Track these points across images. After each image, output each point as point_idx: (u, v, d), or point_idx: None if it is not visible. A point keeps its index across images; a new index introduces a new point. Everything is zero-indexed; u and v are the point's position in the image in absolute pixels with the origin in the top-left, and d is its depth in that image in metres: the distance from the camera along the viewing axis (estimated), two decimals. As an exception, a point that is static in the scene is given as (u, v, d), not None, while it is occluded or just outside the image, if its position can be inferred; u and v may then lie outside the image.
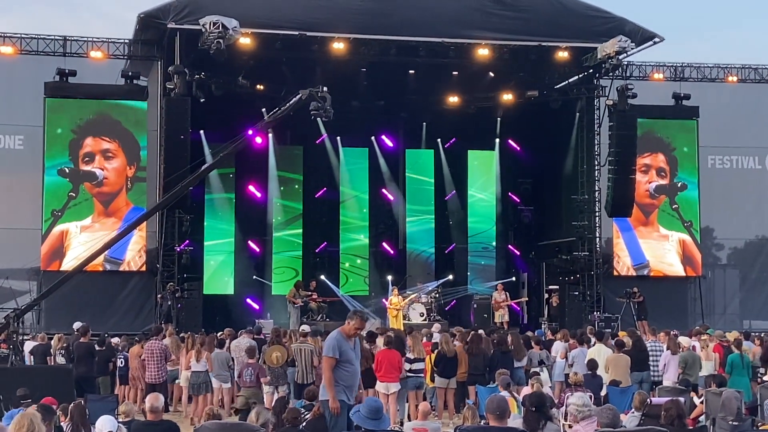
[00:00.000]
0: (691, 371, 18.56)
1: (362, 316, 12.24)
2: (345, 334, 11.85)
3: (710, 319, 30.59)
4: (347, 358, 11.75)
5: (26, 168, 29.04)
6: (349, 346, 11.83)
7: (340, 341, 11.74)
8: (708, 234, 33.32)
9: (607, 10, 29.34)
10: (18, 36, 29.42)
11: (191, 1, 26.95)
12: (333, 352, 11.63)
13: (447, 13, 28.27)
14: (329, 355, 11.63)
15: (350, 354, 11.82)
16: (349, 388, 11.78)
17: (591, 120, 31.64)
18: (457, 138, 36.26)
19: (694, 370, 18.59)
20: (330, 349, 11.66)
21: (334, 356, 11.61)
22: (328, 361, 11.64)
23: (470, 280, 36.12)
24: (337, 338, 11.77)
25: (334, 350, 11.64)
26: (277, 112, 20.44)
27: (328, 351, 11.68)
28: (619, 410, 10.76)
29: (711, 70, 33.50)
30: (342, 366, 11.70)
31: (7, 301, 25.29)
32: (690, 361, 18.71)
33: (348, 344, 11.83)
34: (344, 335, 11.84)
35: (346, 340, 11.83)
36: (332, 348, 11.66)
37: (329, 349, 11.67)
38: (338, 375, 11.65)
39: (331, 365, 11.60)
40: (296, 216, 35.15)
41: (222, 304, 32.31)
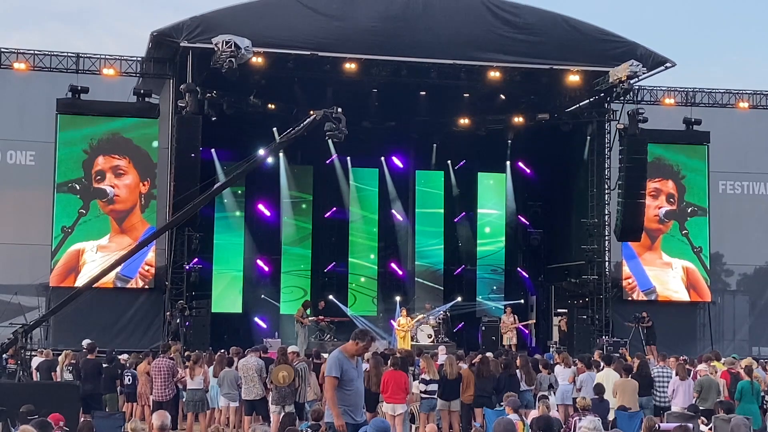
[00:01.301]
0: (707, 396, 18.39)
1: (371, 337, 12.19)
2: (347, 353, 11.75)
3: (719, 345, 30.42)
4: (349, 377, 11.65)
5: (37, 184, 29.10)
6: (351, 365, 11.73)
7: (342, 360, 11.65)
8: (718, 260, 33.22)
9: (619, 35, 29.39)
10: (31, 52, 29.55)
11: (204, 20, 27.07)
12: (335, 371, 11.55)
13: (459, 35, 28.35)
14: (331, 375, 11.55)
15: (352, 373, 11.72)
16: (352, 407, 11.66)
17: (601, 144, 31.63)
18: (467, 160, 36.28)
19: (710, 395, 18.41)
20: (331, 369, 11.58)
21: (336, 376, 11.54)
22: (330, 380, 11.56)
23: (479, 301, 36.02)
24: (338, 357, 11.68)
25: (336, 370, 11.55)
26: (290, 132, 20.45)
27: (330, 370, 11.59)
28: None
29: (722, 96, 33.49)
30: (344, 386, 11.60)
31: (15, 317, 25.27)
32: (706, 386, 18.56)
33: (350, 363, 11.73)
34: (346, 354, 11.74)
35: (348, 359, 11.74)
36: (334, 367, 11.57)
37: (331, 369, 11.59)
38: (340, 395, 11.56)
39: (333, 385, 11.52)
40: (305, 235, 35.16)
41: (230, 323, 32.30)
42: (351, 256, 35.62)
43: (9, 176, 29.39)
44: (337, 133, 20.45)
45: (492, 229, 36.68)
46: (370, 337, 12.03)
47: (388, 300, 34.61)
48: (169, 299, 27.68)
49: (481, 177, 36.77)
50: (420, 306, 32.78)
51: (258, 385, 18.55)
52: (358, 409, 11.83)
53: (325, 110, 20.32)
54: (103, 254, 28.30)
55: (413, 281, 35.96)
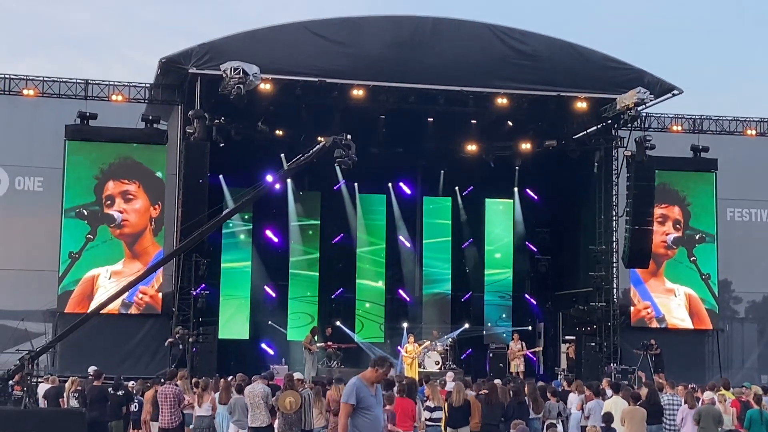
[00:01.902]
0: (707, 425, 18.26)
1: (390, 364, 12.15)
2: (366, 380, 11.69)
3: (728, 373, 30.27)
4: (367, 404, 11.55)
5: (45, 210, 29.15)
6: (369, 392, 11.65)
7: (360, 387, 11.57)
8: (726, 287, 33.13)
9: (627, 62, 29.46)
10: (40, 79, 29.68)
11: (212, 47, 27.18)
12: (350, 398, 11.47)
13: (466, 62, 28.43)
14: (346, 402, 11.50)
15: (370, 401, 11.62)
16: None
17: (609, 170, 31.60)
18: (474, 186, 36.27)
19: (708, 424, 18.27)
20: (348, 396, 11.51)
21: (351, 403, 11.48)
22: (344, 407, 11.50)
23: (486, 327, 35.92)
24: (356, 384, 11.60)
25: (351, 397, 11.48)
26: (300, 159, 20.46)
27: (346, 397, 11.53)
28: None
29: (730, 123, 33.51)
30: (362, 413, 11.51)
31: (22, 343, 25.27)
32: (704, 415, 18.44)
33: (369, 391, 11.64)
34: (365, 382, 11.68)
35: (367, 387, 11.66)
36: (350, 394, 11.50)
37: (346, 396, 11.52)
38: (358, 423, 11.45)
39: (347, 412, 11.45)
40: (313, 261, 35.11)
41: (237, 349, 32.25)
42: (358, 282, 35.55)
43: (17, 202, 29.48)
44: (346, 159, 20.43)
45: (500, 255, 36.60)
46: (389, 364, 11.99)
47: (396, 326, 34.47)
48: (175, 325, 27.63)
49: (489, 203, 36.74)
50: (427, 332, 32.67)
51: (264, 412, 18.45)
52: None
53: (334, 137, 20.32)
54: (116, 279, 28.32)
55: (421, 307, 35.85)
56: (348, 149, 20.36)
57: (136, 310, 28.87)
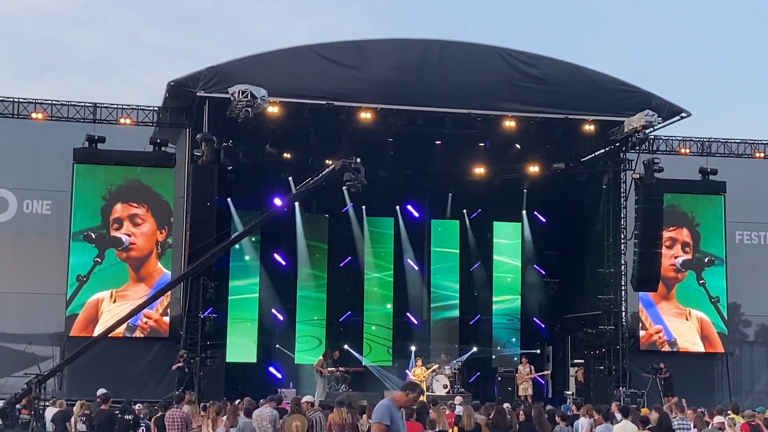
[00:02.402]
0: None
1: (421, 390, 12.15)
2: (396, 403, 11.71)
3: (738, 396, 30.13)
4: (397, 428, 11.58)
5: (53, 233, 29.15)
6: (399, 415, 11.69)
7: (392, 409, 11.58)
8: (735, 310, 33.01)
9: (634, 84, 29.47)
10: (49, 102, 29.77)
11: (220, 70, 27.25)
12: (384, 419, 11.45)
13: (474, 84, 28.46)
14: (381, 422, 11.45)
15: (400, 424, 11.63)
16: None
17: (617, 193, 31.55)
18: (482, 209, 36.20)
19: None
20: (383, 416, 11.44)
21: (386, 423, 11.47)
22: (378, 427, 11.44)
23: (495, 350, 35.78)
24: (389, 406, 11.58)
25: (386, 417, 11.46)
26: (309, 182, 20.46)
27: (381, 418, 11.45)
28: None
29: (738, 146, 33.49)
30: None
31: (29, 367, 25.24)
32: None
33: (398, 414, 11.69)
34: (395, 404, 11.70)
35: (396, 410, 11.70)
36: (384, 415, 11.44)
37: (382, 416, 11.45)
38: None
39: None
40: (321, 284, 35.04)
41: (245, 372, 32.16)
42: (366, 305, 35.46)
43: (25, 225, 29.52)
44: (356, 183, 20.42)
45: (508, 278, 36.49)
46: (420, 390, 12.00)
47: (404, 349, 34.38)
48: (183, 348, 27.57)
49: (497, 226, 36.65)
50: (435, 356, 32.58)
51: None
52: None
53: (344, 160, 20.33)
54: (120, 303, 28.31)
55: (429, 331, 35.74)
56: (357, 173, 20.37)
57: (141, 334, 28.82)
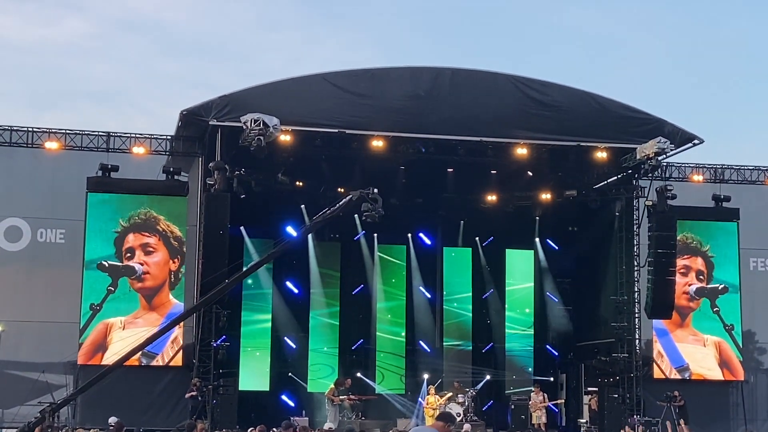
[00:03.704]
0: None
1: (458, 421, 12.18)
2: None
3: (754, 425, 30.02)
4: None
5: (66, 262, 29.25)
6: None
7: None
8: (750, 338, 32.87)
9: (646, 111, 29.45)
10: (63, 132, 29.92)
11: (232, 99, 27.34)
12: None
13: (486, 112, 28.50)
14: None
15: None
16: None
17: (630, 220, 31.50)
18: (495, 236, 36.16)
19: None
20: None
21: None
22: None
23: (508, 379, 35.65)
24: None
25: None
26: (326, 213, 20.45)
27: None
28: None
29: (751, 173, 33.44)
30: None
31: (43, 395, 25.24)
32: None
33: None
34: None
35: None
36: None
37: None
38: None
39: None
40: (333, 312, 35.00)
41: (257, 400, 32.06)
42: (378, 333, 35.39)
43: (39, 254, 29.62)
44: (373, 213, 20.41)
45: (520, 306, 36.40)
46: (456, 420, 12.03)
47: (416, 377, 34.29)
48: (196, 377, 27.54)
49: (509, 254, 36.59)
50: (448, 384, 32.49)
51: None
52: None
53: (361, 191, 20.30)
54: (131, 330, 28.33)
55: (442, 358, 35.63)
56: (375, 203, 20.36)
57: (165, 360, 28.83)
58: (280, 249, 22.43)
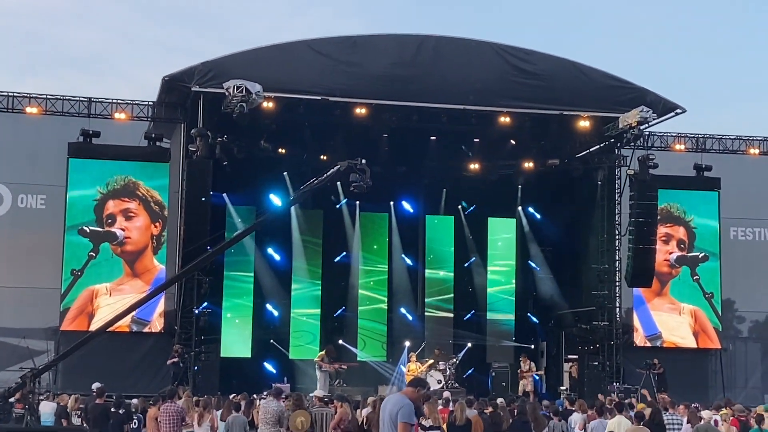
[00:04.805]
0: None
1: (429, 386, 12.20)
2: (410, 399, 11.75)
3: (731, 392, 30.19)
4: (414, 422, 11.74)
5: (47, 228, 29.14)
6: None
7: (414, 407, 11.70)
8: (729, 306, 33.07)
9: (629, 80, 29.48)
10: (43, 97, 29.72)
11: (215, 65, 27.22)
12: (413, 418, 11.53)
13: (470, 80, 28.45)
14: (411, 422, 11.48)
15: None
16: None
17: (612, 189, 31.59)
18: (477, 205, 36.23)
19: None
20: (410, 416, 11.46)
21: (414, 422, 11.56)
22: (407, 427, 11.44)
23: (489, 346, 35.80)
24: (411, 404, 11.63)
25: (413, 417, 11.55)
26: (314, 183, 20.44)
27: (409, 417, 11.47)
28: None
29: (733, 142, 33.53)
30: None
31: (24, 361, 25.21)
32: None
33: None
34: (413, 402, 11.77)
35: None
36: (411, 414, 11.48)
37: (409, 416, 11.46)
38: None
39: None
40: (315, 280, 35.03)
41: (239, 367, 32.13)
42: (360, 300, 35.48)
43: (20, 220, 29.48)
44: (361, 184, 20.41)
45: (502, 274, 36.52)
46: (428, 386, 12.05)
47: (398, 344, 34.42)
48: (177, 343, 27.57)
49: (492, 222, 36.68)
50: (430, 351, 32.62)
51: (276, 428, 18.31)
52: None
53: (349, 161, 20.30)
54: (117, 297, 28.31)
55: (423, 326, 35.76)
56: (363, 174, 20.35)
57: (157, 327, 28.86)
58: (265, 219, 22.42)
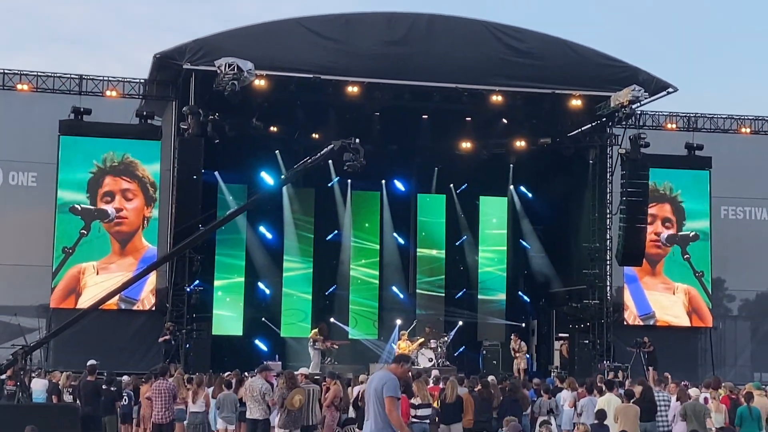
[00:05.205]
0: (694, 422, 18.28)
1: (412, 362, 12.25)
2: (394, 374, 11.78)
3: (721, 370, 30.39)
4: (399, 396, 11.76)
5: (38, 205, 29.15)
6: None
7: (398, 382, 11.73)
8: (719, 285, 33.21)
9: (621, 59, 29.49)
10: (34, 74, 29.64)
11: (207, 43, 27.16)
12: (398, 392, 11.55)
13: (462, 59, 28.42)
14: (395, 396, 11.50)
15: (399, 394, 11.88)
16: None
17: (603, 168, 31.63)
18: (469, 183, 36.24)
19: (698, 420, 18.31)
20: (395, 390, 11.48)
21: (399, 396, 11.59)
22: (393, 401, 11.48)
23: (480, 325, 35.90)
24: (396, 379, 11.65)
25: (398, 391, 11.58)
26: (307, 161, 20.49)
27: (394, 391, 11.49)
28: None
29: (724, 121, 33.57)
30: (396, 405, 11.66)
31: (16, 338, 25.25)
32: (690, 412, 18.47)
33: None
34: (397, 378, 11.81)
35: None
36: (396, 389, 11.49)
37: (394, 390, 11.47)
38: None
39: (397, 406, 11.51)
40: (307, 258, 35.06)
41: (231, 345, 32.21)
42: (352, 278, 35.52)
43: (11, 197, 29.49)
44: (355, 163, 20.45)
45: (493, 252, 36.58)
46: (412, 361, 12.08)
47: (389, 323, 34.50)
48: (169, 321, 27.61)
49: (483, 201, 36.71)
50: (421, 329, 32.69)
51: (262, 405, 18.37)
52: None
53: (342, 141, 20.36)
54: (105, 275, 28.31)
55: (414, 304, 35.84)
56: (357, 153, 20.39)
57: (146, 305, 28.88)
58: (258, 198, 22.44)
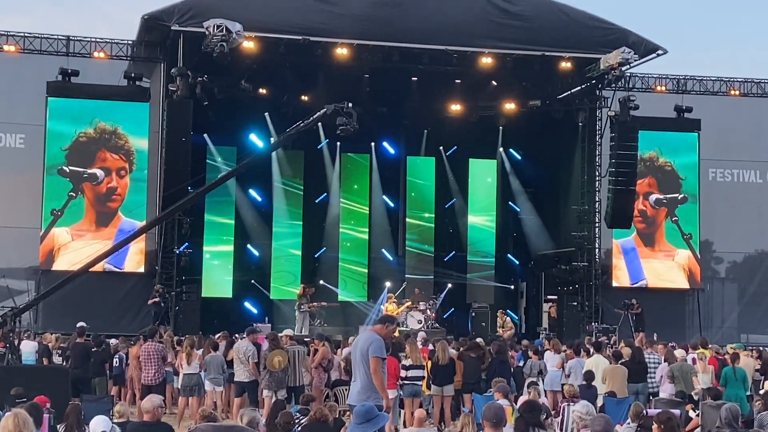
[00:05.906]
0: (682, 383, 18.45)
1: (398, 323, 12.36)
2: (382, 336, 11.81)
3: (708, 332, 30.55)
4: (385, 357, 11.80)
5: (27, 167, 29.06)
6: None
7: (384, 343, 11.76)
8: (707, 247, 33.33)
9: (611, 22, 29.38)
10: (21, 35, 29.44)
11: (195, 4, 26.98)
12: (383, 353, 11.62)
13: (451, 21, 28.28)
14: (381, 356, 11.53)
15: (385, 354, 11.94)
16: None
17: (593, 131, 31.64)
18: (458, 146, 36.22)
19: (686, 381, 18.49)
20: (380, 350, 11.54)
21: (385, 357, 11.63)
22: (380, 362, 11.52)
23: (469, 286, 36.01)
24: (381, 340, 11.68)
25: (384, 351, 11.63)
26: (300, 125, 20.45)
27: (380, 352, 11.52)
28: (615, 421, 10.70)
29: (713, 84, 33.54)
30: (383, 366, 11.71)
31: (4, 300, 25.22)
32: (678, 373, 18.63)
33: None
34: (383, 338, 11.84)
35: None
36: (382, 349, 11.59)
37: (380, 350, 11.53)
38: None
39: (381, 365, 11.54)
40: (296, 221, 35.08)
41: (220, 307, 32.22)
42: (341, 241, 35.57)
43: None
44: (348, 127, 20.43)
45: (482, 215, 36.64)
46: (397, 322, 12.17)
47: (379, 285, 34.55)
48: (158, 283, 27.63)
49: (472, 163, 36.71)
50: (410, 291, 32.78)
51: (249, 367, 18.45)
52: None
53: (335, 105, 20.33)
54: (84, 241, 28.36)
55: (404, 266, 35.91)
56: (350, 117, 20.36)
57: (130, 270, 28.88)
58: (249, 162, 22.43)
